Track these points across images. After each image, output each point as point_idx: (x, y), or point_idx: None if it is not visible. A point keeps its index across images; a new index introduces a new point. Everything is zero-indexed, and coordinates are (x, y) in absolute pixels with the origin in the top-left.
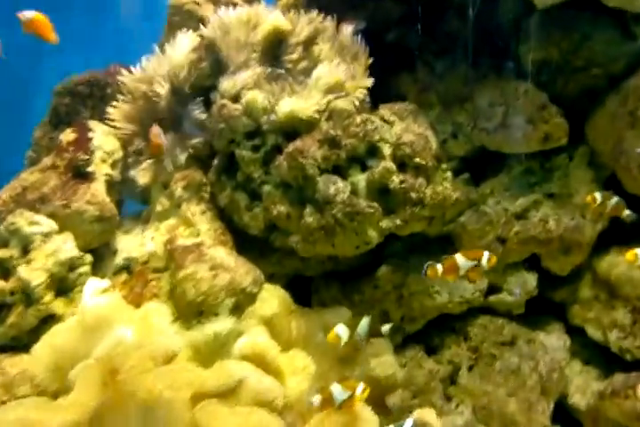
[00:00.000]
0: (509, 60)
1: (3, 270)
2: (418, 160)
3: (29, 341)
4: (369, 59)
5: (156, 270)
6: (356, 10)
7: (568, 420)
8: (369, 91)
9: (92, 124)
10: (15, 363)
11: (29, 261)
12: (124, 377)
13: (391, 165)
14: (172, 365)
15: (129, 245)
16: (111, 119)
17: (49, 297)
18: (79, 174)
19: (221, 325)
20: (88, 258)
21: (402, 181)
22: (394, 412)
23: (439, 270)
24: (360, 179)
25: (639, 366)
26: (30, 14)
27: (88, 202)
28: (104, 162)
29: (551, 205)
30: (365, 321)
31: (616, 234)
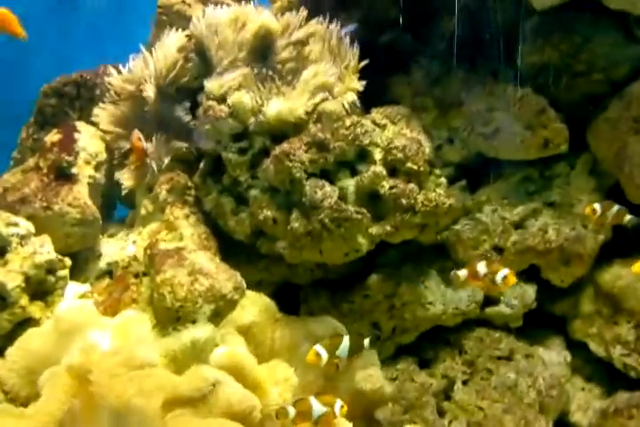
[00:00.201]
0: (507, 64)
1: None
2: (410, 165)
3: (4, 345)
4: (361, 61)
5: (136, 275)
6: (349, 11)
7: None
8: (361, 94)
9: (79, 126)
10: None
11: (5, 264)
12: (94, 384)
13: (381, 170)
14: (143, 370)
15: (112, 249)
16: (97, 121)
17: (25, 301)
18: (62, 176)
19: (199, 332)
20: (67, 261)
21: (392, 187)
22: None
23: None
24: (349, 184)
25: None
26: None
27: (69, 204)
28: (88, 164)
29: (551, 215)
30: (346, 341)
31: (619, 246)
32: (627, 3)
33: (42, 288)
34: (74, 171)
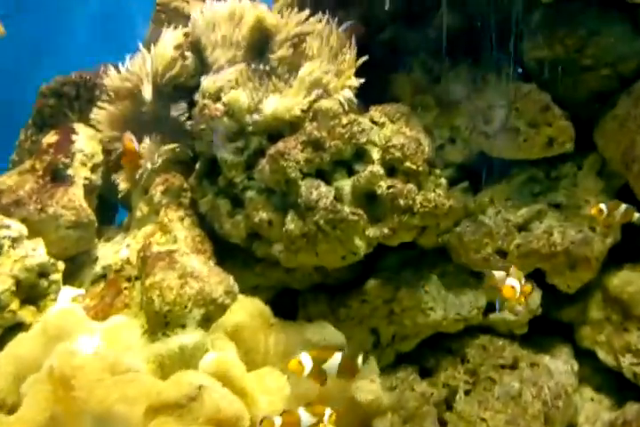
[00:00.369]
0: (512, 60)
1: None
2: (408, 164)
3: None
4: (359, 58)
5: (129, 279)
6: (348, 8)
7: None
8: (361, 93)
9: (77, 127)
10: None
11: None
12: (75, 389)
13: (378, 169)
14: (126, 375)
15: (108, 253)
16: (95, 121)
17: (15, 305)
18: (57, 178)
19: (188, 338)
20: (60, 265)
21: (390, 187)
22: None
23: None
24: (345, 184)
25: None
26: None
27: (64, 207)
28: (84, 165)
29: (557, 217)
30: (336, 357)
31: (628, 249)
32: None
33: (33, 292)
34: (69, 172)
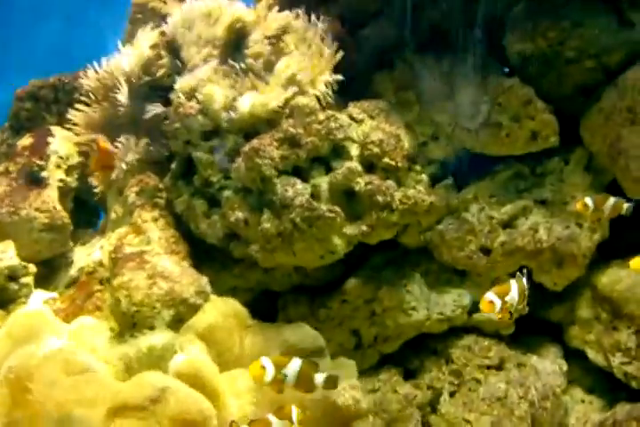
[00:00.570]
0: (494, 54)
1: None
2: (387, 160)
3: None
4: (337, 54)
5: (101, 282)
6: (329, 4)
7: None
8: (341, 90)
9: (54, 130)
10: None
11: None
12: (33, 392)
13: (356, 166)
14: (85, 376)
15: (83, 255)
16: (71, 123)
17: None
18: (31, 180)
19: (156, 339)
20: (32, 268)
21: (367, 183)
22: None
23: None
24: (323, 181)
25: None
26: None
27: (37, 209)
28: (58, 168)
29: (542, 213)
30: (295, 362)
31: (617, 245)
32: None
33: (3, 296)
34: (44, 175)
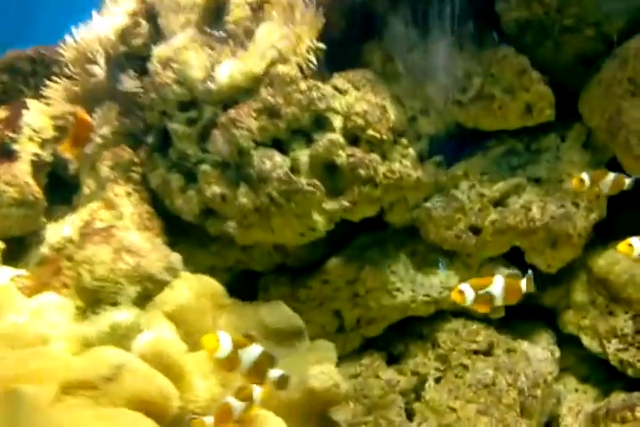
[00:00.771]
0: (489, 23)
1: None
2: (371, 133)
3: None
4: (321, 21)
5: (70, 258)
6: None
7: None
8: (329, 62)
9: (29, 102)
10: None
11: None
12: None
13: (338, 138)
14: (35, 350)
15: (54, 232)
16: (47, 95)
17: None
18: (3, 153)
19: (120, 316)
20: (0, 245)
21: (350, 156)
22: None
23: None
24: (303, 154)
25: None
26: None
27: (7, 183)
28: (31, 141)
29: (536, 191)
30: (257, 350)
31: (615, 226)
32: None
33: None
34: (15, 148)
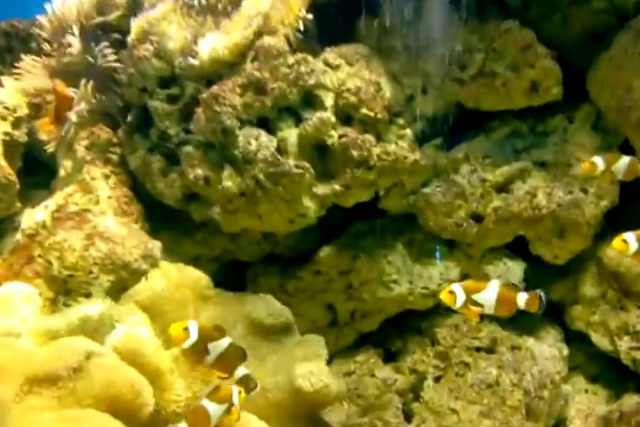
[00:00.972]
0: None
1: None
2: (364, 111)
3: None
4: None
5: (41, 245)
6: None
7: None
8: (320, 36)
9: (3, 80)
10: None
11: None
12: None
13: (328, 116)
14: None
15: (28, 217)
16: (21, 71)
17: None
18: None
19: (92, 308)
20: None
21: (341, 136)
22: None
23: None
24: (291, 134)
25: None
26: None
27: None
28: (4, 120)
29: (542, 176)
30: (225, 342)
31: (628, 214)
32: None
33: None
34: None
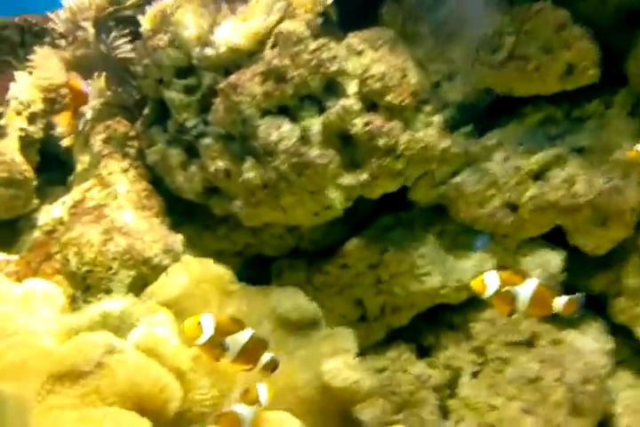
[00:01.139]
0: None
1: None
2: (390, 98)
3: None
4: None
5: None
6: None
7: None
8: (342, 22)
9: (17, 75)
10: None
11: None
12: None
13: (352, 104)
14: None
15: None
16: (35, 66)
17: None
18: None
19: (112, 305)
20: None
21: (366, 124)
22: None
23: None
24: (314, 123)
25: None
26: None
27: None
28: (19, 114)
29: (580, 163)
30: (247, 334)
31: None
32: None
33: None
34: (1, 123)
